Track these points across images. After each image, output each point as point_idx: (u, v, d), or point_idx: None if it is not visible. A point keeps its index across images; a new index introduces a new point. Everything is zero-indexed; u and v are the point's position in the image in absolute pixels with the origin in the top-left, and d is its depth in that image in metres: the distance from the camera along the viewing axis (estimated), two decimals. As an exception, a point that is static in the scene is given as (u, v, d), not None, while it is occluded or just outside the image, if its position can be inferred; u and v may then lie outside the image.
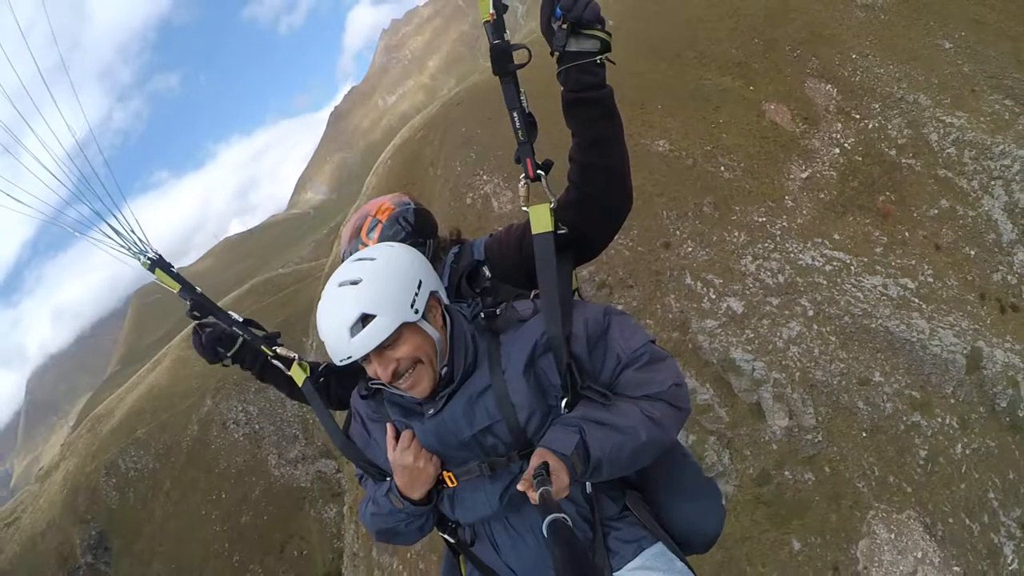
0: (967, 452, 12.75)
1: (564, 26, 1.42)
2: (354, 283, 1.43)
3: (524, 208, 1.61)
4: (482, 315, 1.58)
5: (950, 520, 12.61)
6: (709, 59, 19.39)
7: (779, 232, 14.14)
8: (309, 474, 19.81)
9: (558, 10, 1.42)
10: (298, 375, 1.93)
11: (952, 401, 12.73)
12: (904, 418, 12.49)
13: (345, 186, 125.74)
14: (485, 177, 15.66)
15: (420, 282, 1.48)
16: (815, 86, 18.07)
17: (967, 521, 12.72)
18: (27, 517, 22.12)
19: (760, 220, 14.37)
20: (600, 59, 1.45)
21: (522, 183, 1.62)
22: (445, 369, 1.52)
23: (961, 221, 14.97)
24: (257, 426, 19.82)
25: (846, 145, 16.41)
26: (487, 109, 18.41)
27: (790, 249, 13.78)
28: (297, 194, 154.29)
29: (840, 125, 16.86)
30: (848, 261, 13.64)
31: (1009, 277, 14.58)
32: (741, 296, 12.72)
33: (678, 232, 14.12)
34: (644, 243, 13.63)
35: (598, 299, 13.63)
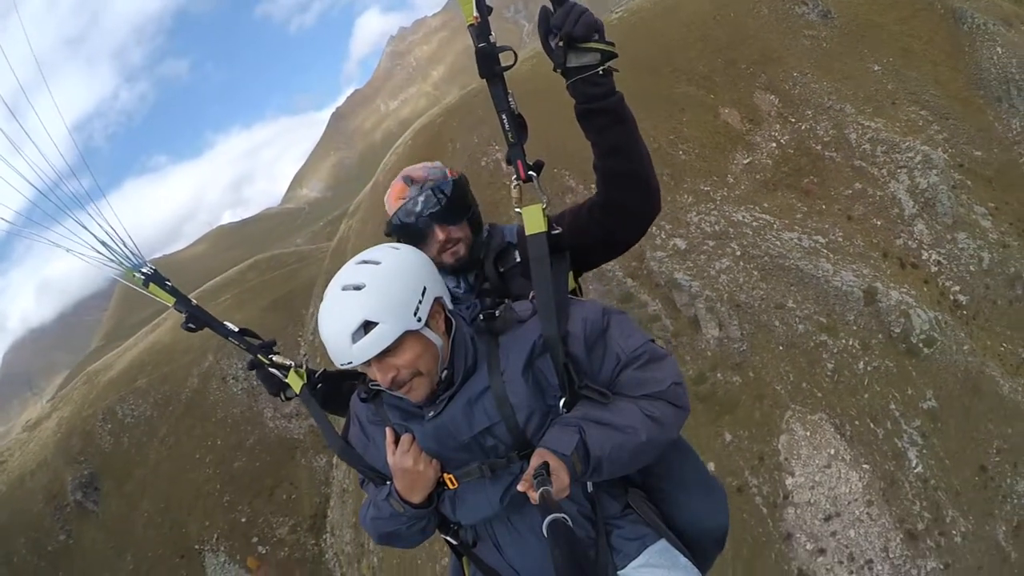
0: (868, 369, 18.03)
1: (561, 43, 1.63)
2: (357, 288, 1.60)
3: (517, 210, 1.82)
4: (481, 317, 1.79)
5: (856, 423, 17.67)
6: (680, 73, 26.32)
7: (719, 198, 20.14)
8: (302, 428, 24.08)
9: (553, 28, 1.63)
10: (295, 382, 2.18)
11: (854, 327, 18.16)
12: (813, 337, 17.85)
13: (342, 185, 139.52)
14: (497, 146, 21.80)
15: (424, 288, 1.66)
16: (762, 96, 24.86)
17: (872, 426, 17.79)
18: (15, 460, 25.40)
19: (706, 189, 20.40)
20: (603, 69, 1.67)
21: (514, 184, 1.84)
22: (445, 372, 1.71)
23: (871, 199, 21.11)
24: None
25: (782, 141, 22.86)
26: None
27: (727, 210, 19.70)
28: (292, 190, 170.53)
29: (779, 126, 23.43)
30: (772, 221, 19.55)
31: (910, 243, 20.52)
32: (685, 238, 18.46)
33: (640, 193, 20.14)
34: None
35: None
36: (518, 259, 1.98)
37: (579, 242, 1.90)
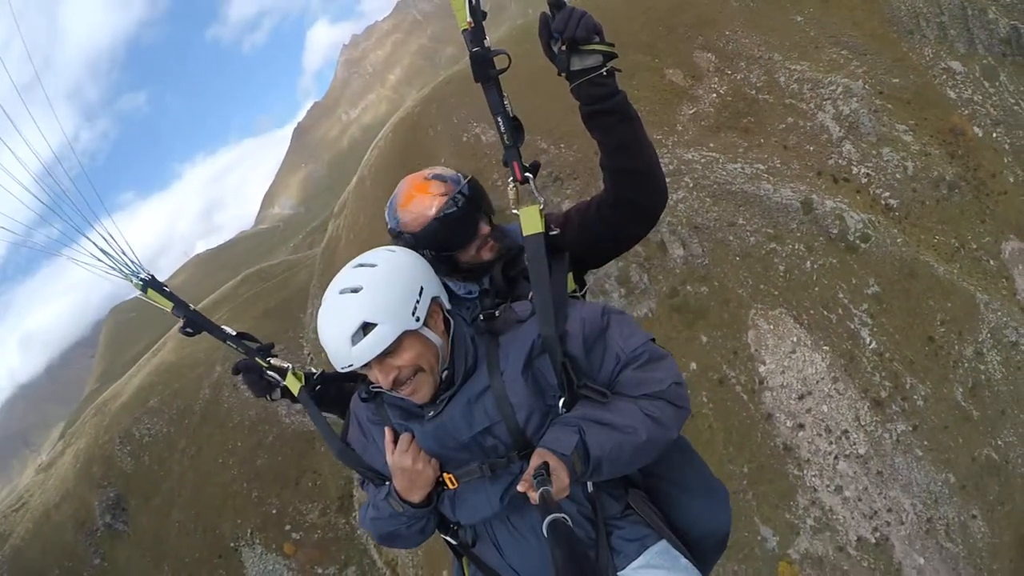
0: (815, 267, 23.69)
1: (563, 47, 1.85)
2: (355, 291, 1.80)
3: (514, 211, 2.03)
4: (481, 317, 2.01)
5: (811, 312, 23.21)
6: (627, 44, 32.56)
7: (671, 143, 26.01)
8: (316, 420, 28.71)
9: (554, 33, 1.85)
10: (293, 384, 2.44)
11: (798, 234, 23.88)
12: (764, 246, 23.47)
13: (313, 199, 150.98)
14: (475, 123, 27.55)
15: (422, 288, 1.87)
16: (700, 55, 31.23)
17: (825, 313, 23.35)
18: (36, 499, 28.57)
19: (658, 137, 26.24)
20: (605, 70, 1.87)
21: (511, 186, 2.03)
22: (446, 372, 1.93)
23: (802, 130, 27.21)
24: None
25: (721, 91, 29.05)
26: (475, 84, 30.87)
27: (678, 152, 25.54)
28: (264, 210, 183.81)
29: (717, 79, 29.68)
30: (718, 156, 25.42)
31: (840, 161, 26.57)
32: (643, 178, 24.31)
33: (600, 148, 26.18)
34: (582, 151, 25.29)
35: (554, 190, 24.80)
36: (526, 262, 2.09)
37: (588, 239, 2.16)
